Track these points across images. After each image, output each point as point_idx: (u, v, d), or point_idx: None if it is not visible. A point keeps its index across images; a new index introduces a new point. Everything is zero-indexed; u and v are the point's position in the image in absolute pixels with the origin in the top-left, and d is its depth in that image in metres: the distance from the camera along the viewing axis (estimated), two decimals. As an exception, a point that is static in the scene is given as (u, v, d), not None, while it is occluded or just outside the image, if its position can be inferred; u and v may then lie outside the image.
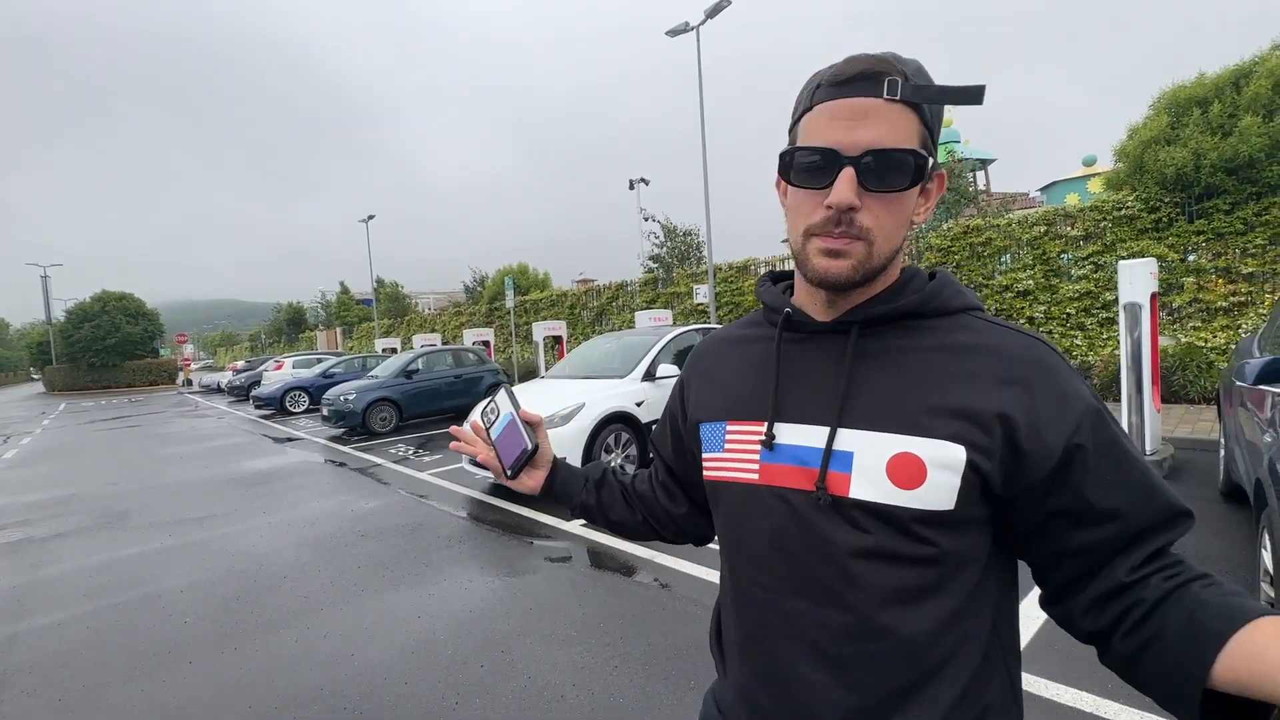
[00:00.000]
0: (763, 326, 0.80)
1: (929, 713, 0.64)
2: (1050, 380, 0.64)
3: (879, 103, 0.61)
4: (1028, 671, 2.43)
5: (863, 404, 0.66)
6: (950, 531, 0.64)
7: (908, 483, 0.63)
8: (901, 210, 0.65)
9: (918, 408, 0.64)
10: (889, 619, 0.64)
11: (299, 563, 4.30)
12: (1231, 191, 7.44)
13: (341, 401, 10.28)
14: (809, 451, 0.67)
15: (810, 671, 0.67)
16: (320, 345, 37.94)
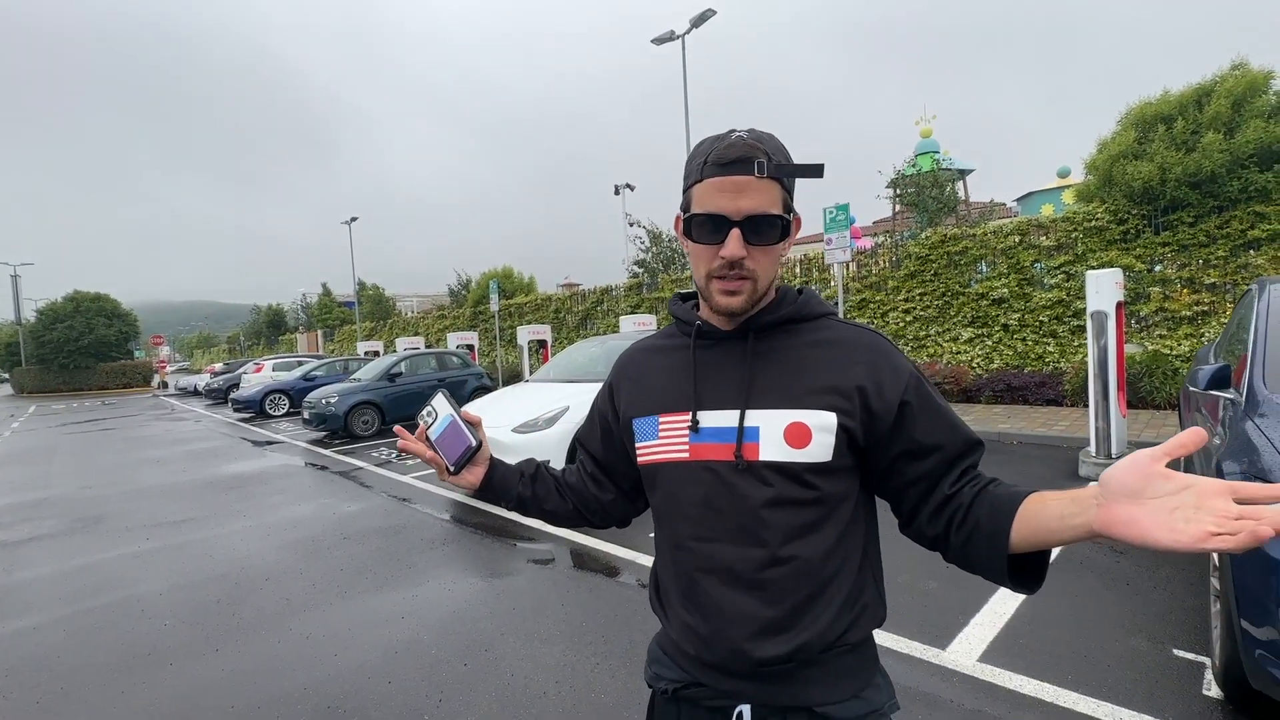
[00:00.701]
0: (677, 337, 1.01)
1: (825, 614, 0.87)
2: (885, 359, 0.89)
3: (752, 179, 0.82)
4: (993, 665, 2.54)
5: (761, 390, 0.88)
6: (830, 477, 0.87)
7: (799, 444, 0.85)
8: (774, 255, 0.88)
9: (801, 388, 0.87)
10: (792, 549, 0.86)
11: (281, 565, 4.29)
12: (1195, 205, 7.72)
13: (323, 404, 10.20)
14: (726, 431, 0.88)
15: (737, 596, 0.87)
16: (301, 348, 37.45)
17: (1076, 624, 2.82)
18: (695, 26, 12.30)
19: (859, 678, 0.90)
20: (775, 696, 0.88)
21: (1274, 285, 3.04)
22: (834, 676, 0.88)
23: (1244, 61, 7.85)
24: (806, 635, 0.85)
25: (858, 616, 0.89)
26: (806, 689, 0.87)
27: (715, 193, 0.83)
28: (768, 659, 0.85)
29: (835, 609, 0.87)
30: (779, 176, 0.83)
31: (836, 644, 0.87)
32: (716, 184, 0.83)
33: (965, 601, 3.09)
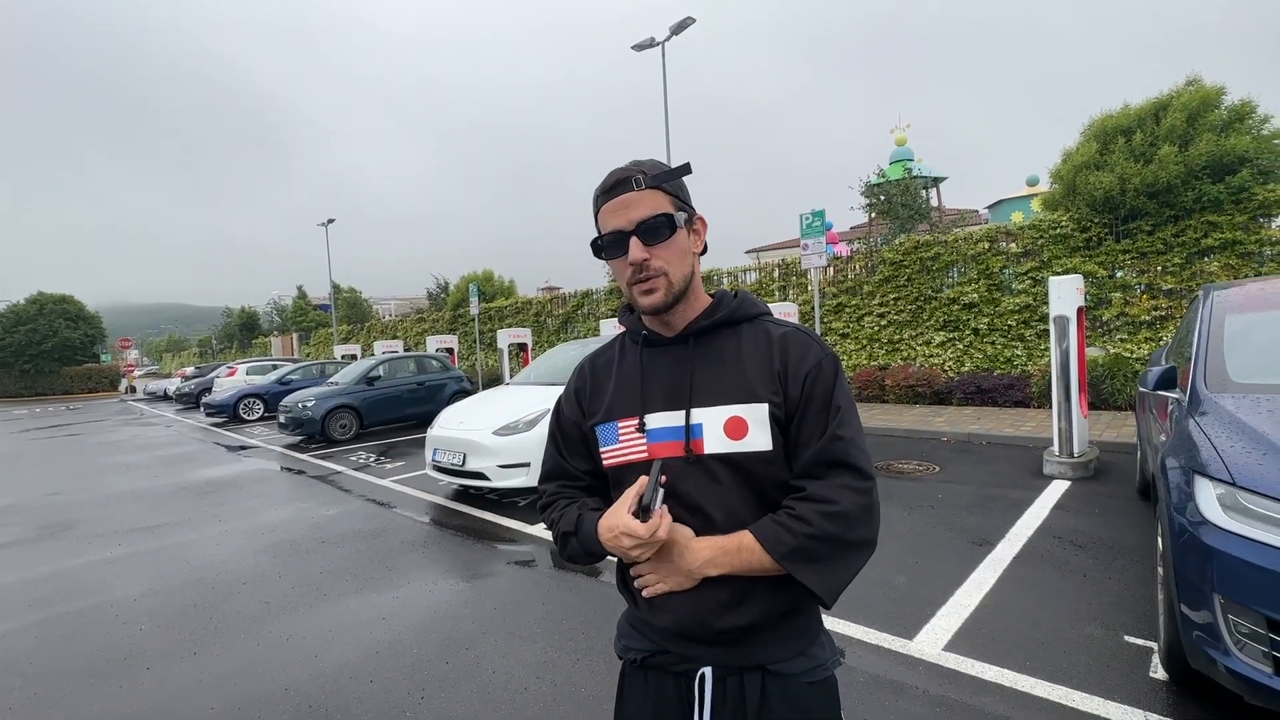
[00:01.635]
0: (628, 347, 1.11)
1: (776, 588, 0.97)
2: (800, 347, 0.99)
3: (634, 194, 0.95)
4: (957, 654, 2.65)
5: (702, 389, 0.99)
6: (772, 464, 0.97)
7: (737, 435, 0.96)
8: (677, 249, 0.97)
9: (736, 385, 0.98)
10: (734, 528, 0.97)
11: (258, 569, 4.27)
12: (1152, 214, 8.04)
13: (300, 408, 10.08)
14: (674, 430, 0.99)
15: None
16: (275, 351, 36.79)
17: (1036, 614, 2.96)
18: (675, 34, 12.45)
19: (804, 638, 1.02)
20: (733, 658, 0.99)
21: (1216, 291, 3.23)
22: (783, 638, 1.00)
23: (1198, 77, 8.21)
24: (759, 608, 0.96)
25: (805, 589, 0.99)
26: (760, 650, 0.99)
27: (609, 215, 0.97)
28: (727, 629, 0.97)
29: (784, 582, 0.95)
30: (656, 184, 0.96)
31: (786, 612, 0.99)
32: (608, 208, 0.97)
33: (933, 595, 3.21)
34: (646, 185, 0.95)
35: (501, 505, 5.54)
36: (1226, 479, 1.99)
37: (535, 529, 4.83)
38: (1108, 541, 3.79)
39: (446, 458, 5.60)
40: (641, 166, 0.98)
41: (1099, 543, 3.78)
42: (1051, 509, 4.46)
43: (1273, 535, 1.82)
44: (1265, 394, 2.35)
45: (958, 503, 4.77)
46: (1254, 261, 7.58)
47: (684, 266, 0.98)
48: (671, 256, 0.96)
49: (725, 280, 13.60)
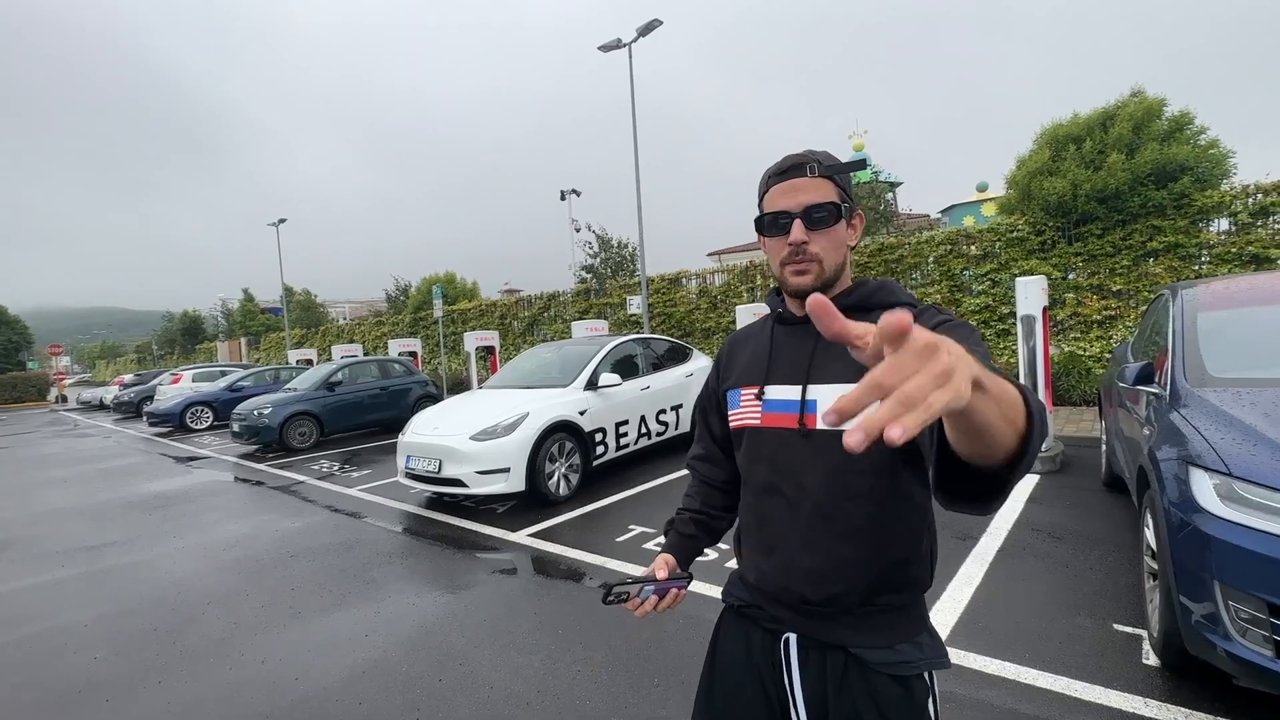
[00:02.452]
0: (767, 324, 1.17)
1: (864, 573, 0.98)
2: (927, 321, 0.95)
3: (806, 180, 1.00)
4: (958, 648, 2.68)
5: (822, 367, 1.01)
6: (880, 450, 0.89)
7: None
8: (835, 238, 1.02)
9: (854, 367, 0.93)
10: (839, 510, 0.98)
11: (223, 588, 4.01)
12: (1102, 218, 8.46)
13: (255, 416, 9.61)
14: (790, 402, 1.03)
15: (792, 543, 1.03)
16: (222, 356, 35.14)
17: (1027, 605, 3.02)
18: (642, 35, 12.44)
19: (896, 632, 0.99)
20: (816, 632, 1.02)
21: (1185, 290, 3.37)
22: (871, 627, 0.99)
23: (1141, 89, 8.67)
24: (841, 587, 0.98)
25: (902, 584, 1.00)
26: (843, 631, 1.00)
27: (778, 196, 1.02)
28: (809, 599, 1.01)
29: (876, 570, 0.97)
30: (829, 175, 1.01)
31: (874, 602, 0.98)
32: (778, 189, 1.03)
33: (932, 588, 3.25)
34: (819, 173, 1.00)
35: (479, 513, 5.38)
36: (1223, 470, 2.06)
37: (517, 536, 4.70)
38: (1082, 533, 3.92)
39: (421, 465, 5.40)
40: (816, 155, 1.02)
41: (1075, 534, 3.90)
42: (1025, 502, 4.60)
43: (1271, 523, 1.89)
44: (1246, 388, 2.45)
45: (936, 498, 4.86)
46: (1194, 263, 8.04)
47: (838, 255, 1.03)
48: (829, 244, 1.01)
49: (694, 282, 13.67)
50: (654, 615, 1.13)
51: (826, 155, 1.03)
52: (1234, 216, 7.78)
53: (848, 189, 1.04)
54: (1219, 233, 7.95)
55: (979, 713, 2.25)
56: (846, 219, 1.04)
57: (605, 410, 6.08)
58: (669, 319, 13.53)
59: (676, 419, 7.10)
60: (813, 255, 1.00)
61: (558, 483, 5.49)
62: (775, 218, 1.02)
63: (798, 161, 1.02)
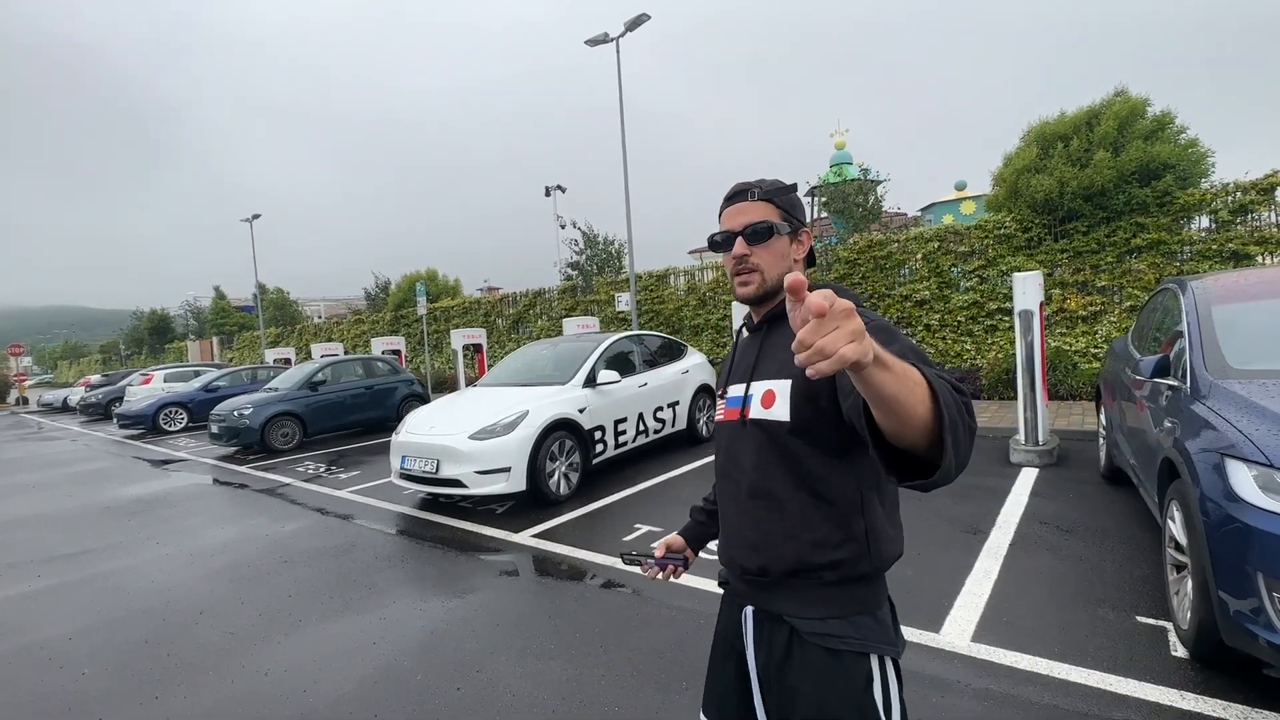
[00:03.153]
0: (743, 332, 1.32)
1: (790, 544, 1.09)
2: None
3: (748, 203, 1.17)
4: (986, 644, 2.65)
5: (761, 367, 1.16)
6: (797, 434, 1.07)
7: (768, 404, 1.11)
8: (775, 251, 1.16)
9: (781, 363, 1.11)
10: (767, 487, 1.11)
11: (215, 596, 3.84)
12: (1087, 215, 8.60)
13: (235, 417, 9.31)
14: (737, 399, 1.19)
15: (738, 520, 1.18)
16: (193, 356, 34.17)
17: (1047, 599, 3.02)
18: (630, 30, 12.32)
19: (829, 606, 1.08)
20: (763, 602, 1.14)
21: (1194, 283, 3.39)
22: (804, 599, 1.09)
23: (1125, 89, 8.83)
24: (768, 557, 1.11)
25: (832, 557, 1.06)
26: (782, 601, 1.12)
27: (726, 218, 1.19)
28: (747, 568, 1.15)
29: (798, 544, 1.08)
30: (767, 197, 1.16)
31: (803, 572, 1.08)
32: (727, 213, 1.19)
33: (944, 585, 3.23)
34: (759, 197, 1.16)
35: (478, 514, 5.25)
36: (1262, 461, 2.05)
37: (520, 537, 4.59)
38: (1089, 525, 3.94)
39: (417, 465, 5.25)
40: (761, 182, 1.18)
41: (1082, 527, 3.92)
42: (1030, 495, 4.62)
43: (1316, 513, 1.88)
44: (1272, 379, 2.46)
45: (938, 493, 4.84)
46: (1175, 260, 8.22)
47: (779, 267, 1.16)
48: (769, 257, 1.15)
49: (681, 279, 13.61)
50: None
51: (771, 182, 1.18)
52: (1215, 214, 7.96)
53: (792, 210, 1.18)
54: (1200, 230, 8.14)
55: (1020, 711, 2.22)
56: (791, 235, 1.17)
57: (604, 408, 5.98)
58: (657, 316, 13.47)
59: (673, 416, 7.04)
60: (753, 266, 1.15)
61: (558, 482, 5.38)
62: (724, 236, 1.18)
63: (741, 188, 1.18)
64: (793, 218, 1.17)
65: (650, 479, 5.94)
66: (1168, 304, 3.70)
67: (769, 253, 1.14)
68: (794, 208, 1.18)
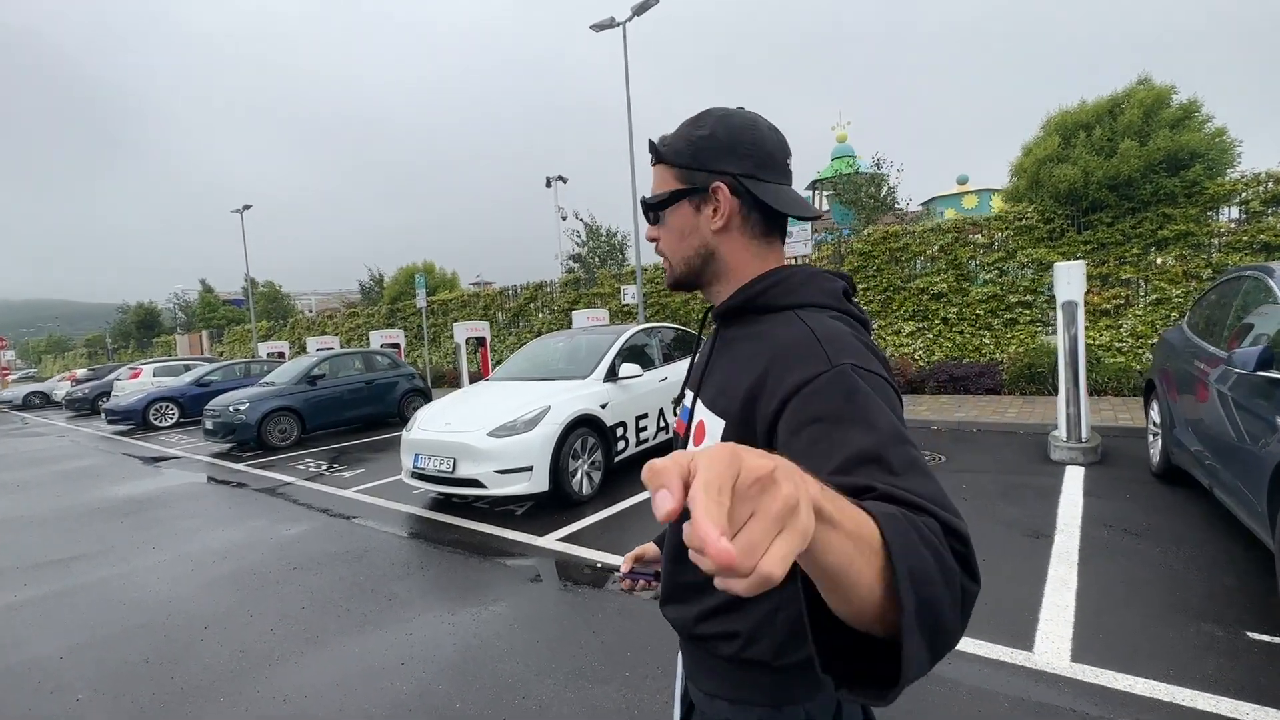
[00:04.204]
0: None
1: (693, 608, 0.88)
2: (787, 358, 0.74)
3: (654, 169, 0.89)
4: (1088, 664, 2.40)
5: (708, 377, 0.89)
6: None
7: (699, 440, 0.85)
8: (672, 228, 0.89)
9: (720, 388, 0.84)
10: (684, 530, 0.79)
11: (221, 608, 3.53)
12: (1113, 206, 8.38)
13: (231, 412, 8.95)
14: (685, 410, 0.93)
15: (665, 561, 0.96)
16: (181, 350, 33.54)
17: (1140, 612, 2.77)
18: (637, 14, 11.98)
19: (720, 685, 0.88)
20: (685, 653, 0.97)
21: (1285, 270, 3.14)
22: (704, 668, 0.91)
23: (1148, 77, 8.61)
24: (677, 613, 0.92)
25: (730, 637, 0.84)
26: (686, 658, 0.96)
27: None
28: (666, 615, 0.95)
29: (705, 610, 0.86)
30: (660, 160, 0.87)
31: (701, 640, 0.88)
32: None
33: (1023, 596, 2.98)
34: (653, 162, 0.88)
35: (495, 515, 4.96)
36: None
37: (545, 541, 4.30)
38: (1158, 528, 3.71)
39: (432, 464, 4.95)
40: (663, 139, 0.88)
41: (1151, 530, 3.69)
42: (1084, 495, 4.38)
43: None
44: None
45: (987, 493, 4.63)
46: (1204, 253, 8.02)
47: (682, 248, 0.89)
48: (668, 238, 0.90)
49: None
50: None
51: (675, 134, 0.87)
52: (1245, 205, 7.77)
53: (696, 161, 0.84)
54: (1229, 221, 7.94)
55: (1152, 745, 1.97)
56: (693, 202, 0.85)
57: (626, 403, 5.70)
58: (664, 309, 13.18)
59: (693, 412, 6.76)
60: (660, 251, 0.92)
61: (580, 481, 5.10)
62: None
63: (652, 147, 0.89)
64: (700, 170, 0.83)
65: (674, 478, 5.66)
66: (1248, 293, 3.46)
67: (667, 233, 0.89)
68: (701, 155, 0.83)
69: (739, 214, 0.85)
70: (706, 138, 0.84)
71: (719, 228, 0.85)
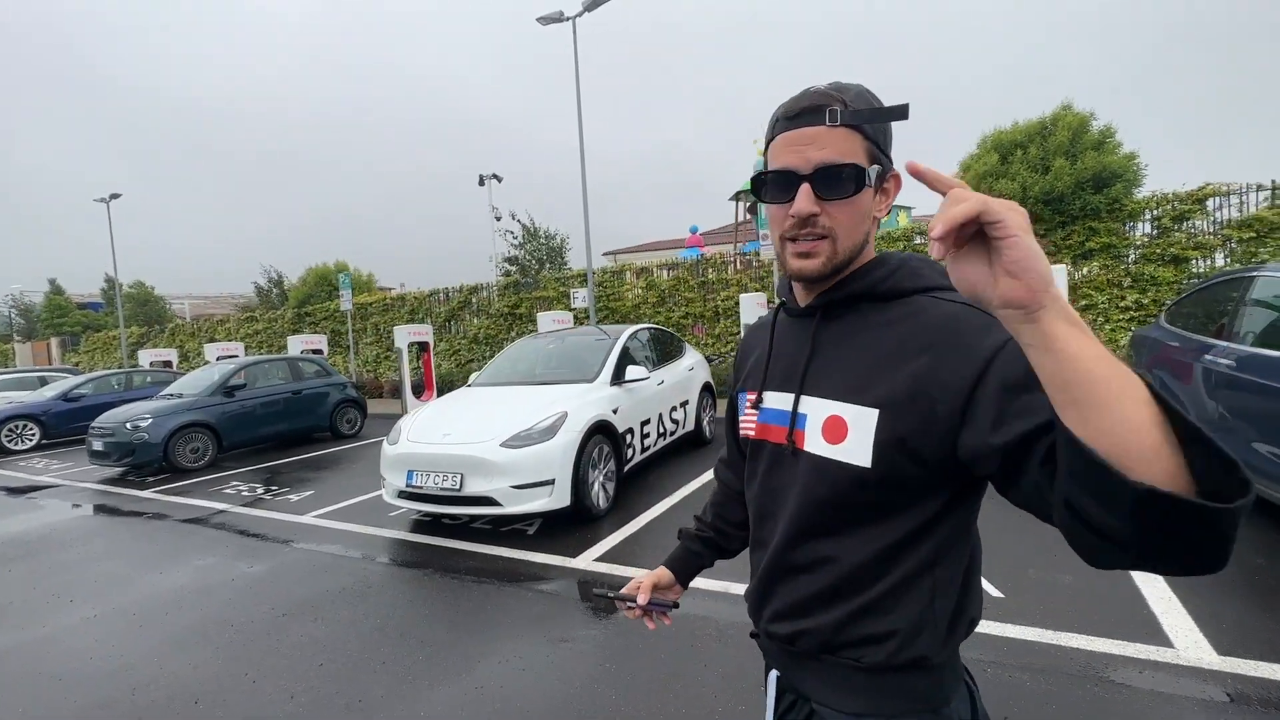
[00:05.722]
0: (774, 315, 0.98)
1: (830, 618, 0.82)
2: (955, 337, 0.73)
3: (823, 130, 0.76)
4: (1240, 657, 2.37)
5: (818, 374, 0.84)
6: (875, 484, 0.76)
7: (834, 439, 0.80)
8: (856, 210, 0.79)
9: (852, 377, 0.80)
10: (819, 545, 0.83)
11: (205, 673, 2.78)
12: (1046, 219, 9.12)
13: (128, 430, 7.55)
14: (783, 414, 0.87)
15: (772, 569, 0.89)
16: (22, 360, 28.72)
17: (1245, 597, 2.81)
18: (588, 10, 11.64)
19: (868, 701, 0.81)
20: (790, 673, 0.90)
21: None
22: (837, 684, 0.84)
23: (1070, 103, 9.47)
24: (800, 625, 0.85)
25: (876, 629, 0.80)
26: (809, 680, 0.87)
27: (785, 149, 0.79)
28: (773, 634, 0.89)
29: (846, 618, 0.81)
30: (856, 124, 0.76)
31: (842, 653, 0.82)
32: (786, 139, 0.79)
33: (1120, 591, 2.97)
34: (844, 121, 0.75)
35: (502, 536, 4.40)
36: None
37: (580, 562, 3.85)
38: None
39: (431, 481, 4.31)
40: (841, 93, 0.77)
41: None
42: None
43: None
44: None
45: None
46: (1122, 262, 8.89)
47: (857, 233, 0.81)
48: (847, 219, 0.79)
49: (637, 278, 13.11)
50: None
51: (855, 91, 0.77)
52: (1158, 221, 8.70)
53: (882, 143, 0.79)
54: (1143, 235, 8.86)
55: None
56: (876, 185, 0.79)
57: (632, 408, 5.33)
58: (614, 313, 12.85)
59: (685, 416, 6.50)
60: (823, 230, 0.79)
61: (598, 494, 4.66)
62: (778, 178, 0.79)
63: (816, 103, 0.76)
64: (885, 155, 0.80)
65: (683, 486, 5.36)
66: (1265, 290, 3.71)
67: (849, 211, 0.78)
68: (887, 140, 0.81)
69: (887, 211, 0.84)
70: (884, 127, 0.80)
71: (879, 215, 0.83)
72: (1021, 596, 2.99)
